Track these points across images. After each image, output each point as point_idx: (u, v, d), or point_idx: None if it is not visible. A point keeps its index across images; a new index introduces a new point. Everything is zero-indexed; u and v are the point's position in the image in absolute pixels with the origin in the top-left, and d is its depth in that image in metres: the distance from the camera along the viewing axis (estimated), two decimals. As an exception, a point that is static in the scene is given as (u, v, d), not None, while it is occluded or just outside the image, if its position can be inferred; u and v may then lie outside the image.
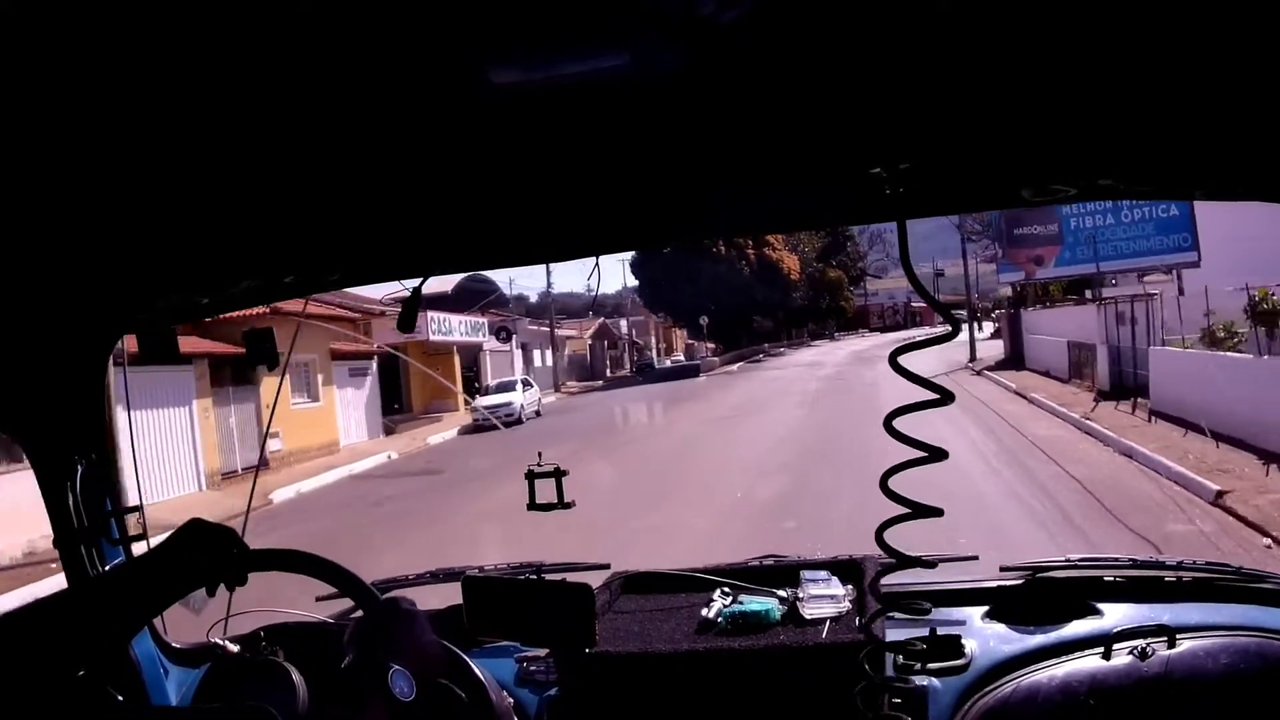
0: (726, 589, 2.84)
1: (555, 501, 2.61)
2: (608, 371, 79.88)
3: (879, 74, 1.42)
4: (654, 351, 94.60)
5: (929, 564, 2.23)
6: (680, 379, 55.44)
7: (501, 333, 52.89)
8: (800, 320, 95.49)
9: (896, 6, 1.23)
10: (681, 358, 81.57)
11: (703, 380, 52.27)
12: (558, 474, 2.60)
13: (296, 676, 2.18)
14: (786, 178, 1.92)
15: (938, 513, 1.91)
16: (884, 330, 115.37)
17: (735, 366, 65.05)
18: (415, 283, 2.36)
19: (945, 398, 1.91)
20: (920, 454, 1.91)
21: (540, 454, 2.63)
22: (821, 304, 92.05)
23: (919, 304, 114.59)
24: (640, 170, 1.83)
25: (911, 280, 1.90)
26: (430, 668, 1.95)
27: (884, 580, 2.67)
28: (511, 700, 2.56)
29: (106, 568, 2.66)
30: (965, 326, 52.73)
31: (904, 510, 1.94)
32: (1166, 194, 2.09)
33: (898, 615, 2.60)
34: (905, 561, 2.08)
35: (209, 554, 1.88)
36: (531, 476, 2.60)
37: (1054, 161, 1.84)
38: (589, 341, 77.39)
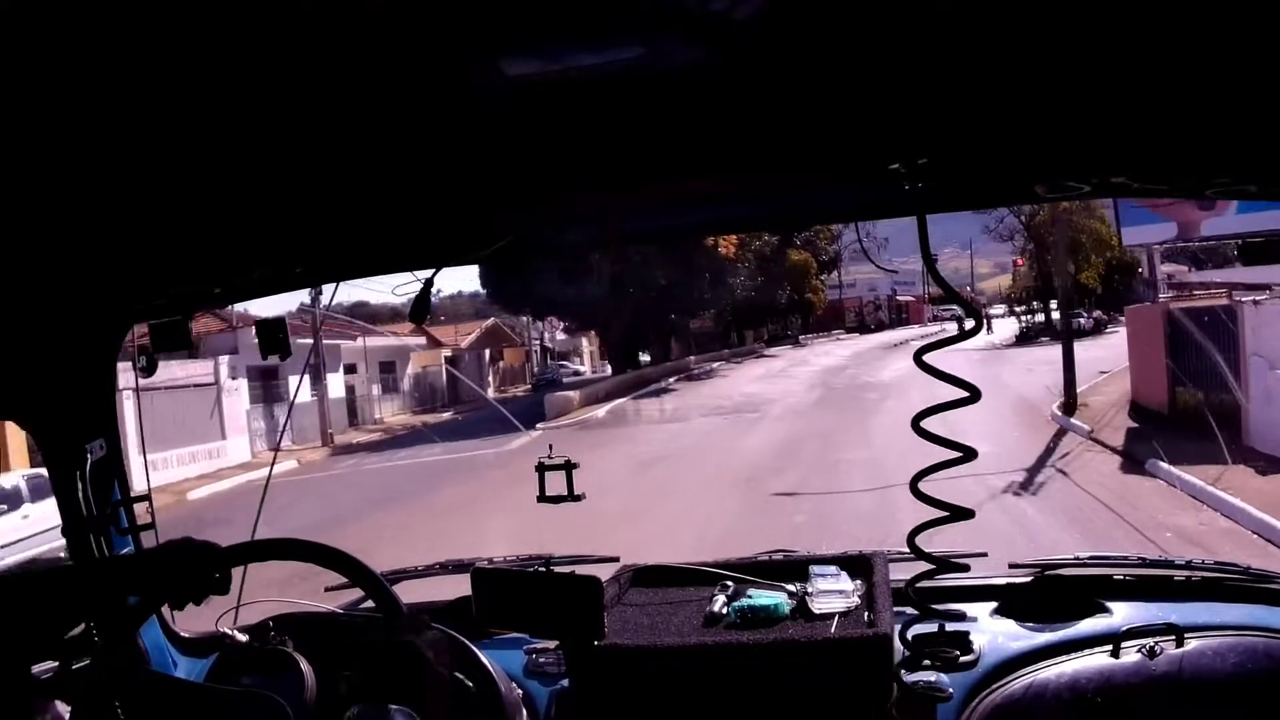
0: (735, 583, 2.84)
1: (565, 494, 2.61)
2: (490, 390, 56.76)
3: (897, 70, 1.43)
4: (588, 357, 73.36)
5: (962, 568, 2.24)
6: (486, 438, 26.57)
7: (140, 359, 12.26)
8: (754, 319, 71.34)
9: (913, 4, 1.24)
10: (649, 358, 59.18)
11: (515, 447, 23.66)
12: (568, 466, 2.60)
13: (305, 666, 2.19)
14: (806, 173, 1.94)
15: (969, 514, 1.94)
16: (863, 330, 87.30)
17: (603, 410, 35.18)
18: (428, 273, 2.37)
19: (973, 395, 1.93)
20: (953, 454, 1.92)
21: (551, 446, 2.63)
22: (779, 297, 65.69)
23: (905, 296, 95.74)
24: (654, 164, 1.84)
25: (933, 275, 1.94)
26: (438, 701, 1.96)
27: (892, 577, 2.70)
28: (520, 692, 2.58)
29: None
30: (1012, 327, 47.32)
31: (939, 514, 1.97)
32: (1180, 192, 2.13)
33: (905, 611, 2.60)
34: (942, 566, 2.10)
35: (185, 573, 2.00)
36: (542, 468, 2.60)
37: (1068, 159, 1.87)
38: (449, 355, 54.93)
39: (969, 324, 2.05)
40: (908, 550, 2.32)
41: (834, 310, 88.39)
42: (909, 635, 2.48)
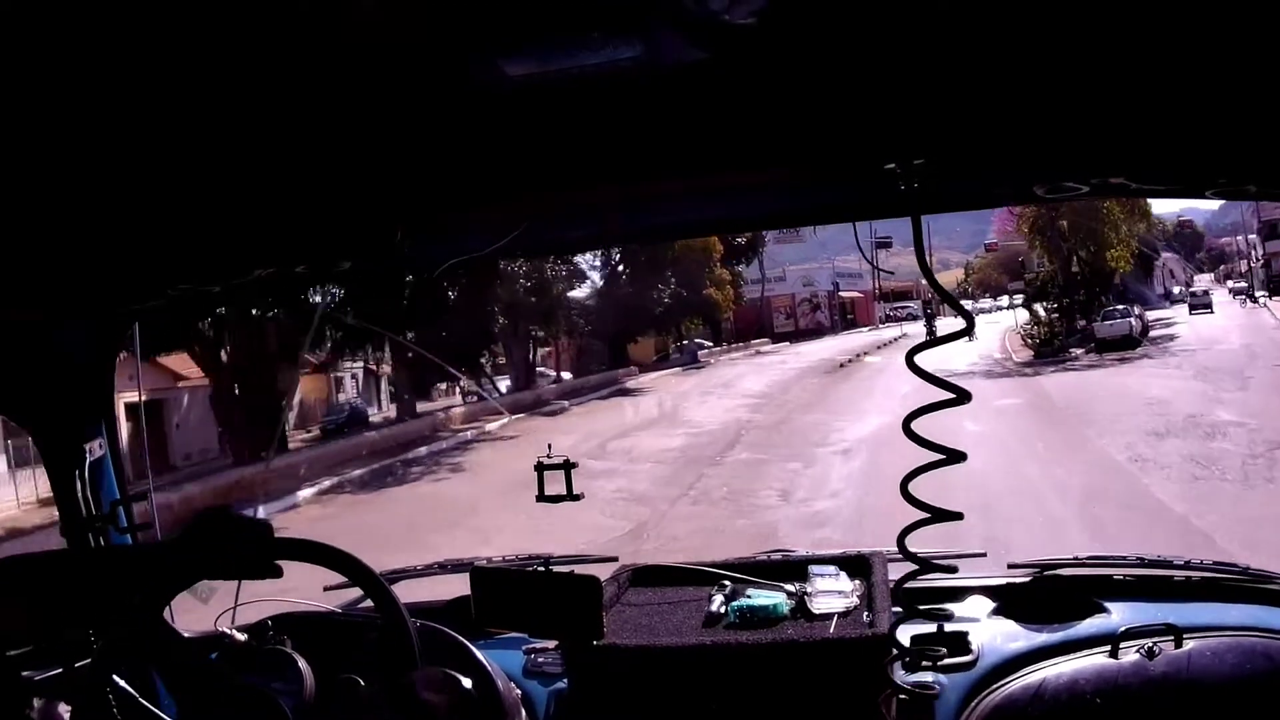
0: (734, 583, 2.84)
1: (564, 493, 2.61)
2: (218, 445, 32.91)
3: (894, 70, 1.45)
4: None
5: (949, 569, 2.25)
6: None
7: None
8: (634, 329, 48.22)
9: (910, 5, 1.25)
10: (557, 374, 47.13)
11: None
12: (567, 466, 2.60)
13: (303, 665, 2.20)
14: (803, 172, 1.96)
15: (957, 516, 1.94)
16: (795, 337, 64.52)
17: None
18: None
19: (962, 396, 1.94)
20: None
21: (550, 445, 2.63)
22: (658, 296, 45.17)
23: (850, 292, 75.66)
24: (652, 162, 1.85)
25: (928, 277, 1.95)
26: None
27: (893, 577, 2.71)
28: (519, 692, 2.58)
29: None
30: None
31: (924, 515, 1.98)
32: (1179, 192, 2.11)
33: (904, 611, 2.61)
34: (927, 566, 2.11)
35: (234, 546, 2.00)
36: (541, 468, 2.60)
37: (1066, 159, 1.87)
38: (143, 398, 21.08)
39: (938, 325, 2.03)
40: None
41: (754, 313, 67.51)
42: (908, 635, 2.48)
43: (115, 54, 1.22)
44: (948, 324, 39.94)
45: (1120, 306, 39.47)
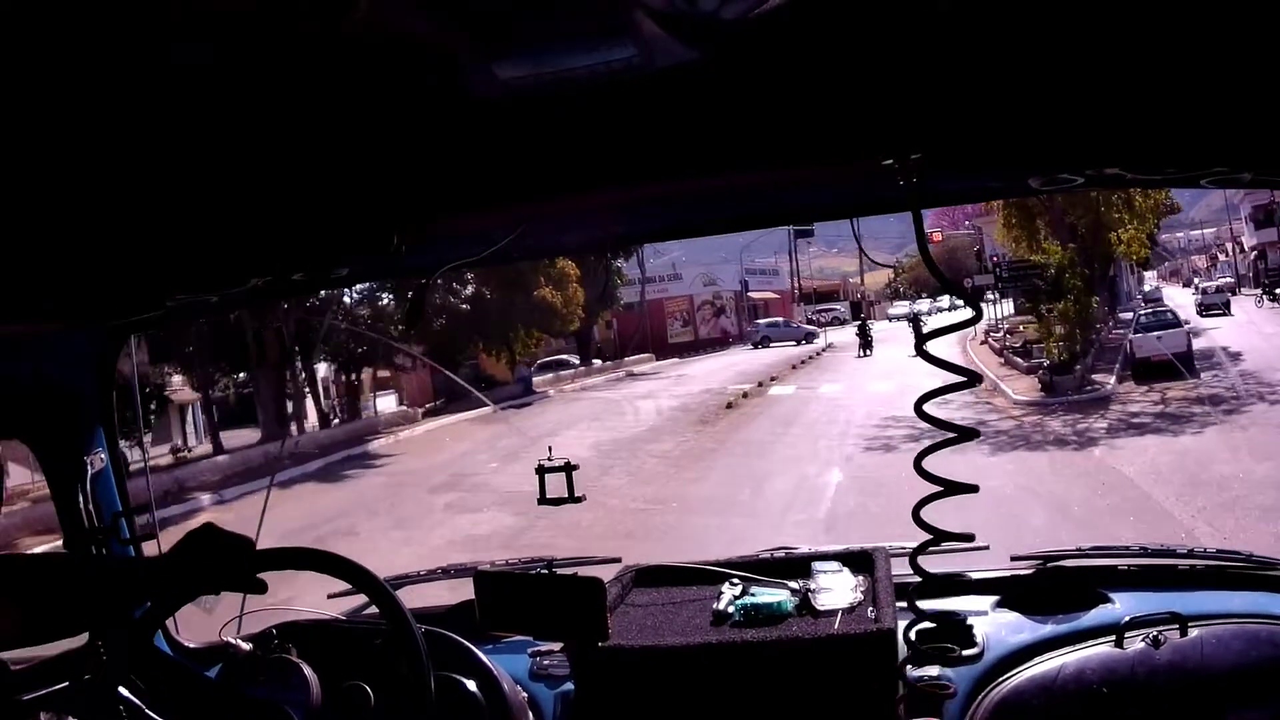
0: (738, 581, 2.84)
1: (565, 496, 2.60)
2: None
3: (890, 66, 1.46)
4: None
5: (964, 537, 2.26)
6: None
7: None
8: (459, 343, 36.15)
9: (908, 1, 1.26)
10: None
11: None
12: (568, 468, 2.59)
13: (309, 673, 2.21)
14: (800, 170, 1.96)
15: (972, 489, 1.96)
16: (692, 349, 52.89)
17: None
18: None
19: (972, 379, 1.96)
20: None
21: (550, 448, 2.63)
22: (455, 302, 35.54)
23: (764, 292, 65.06)
24: (649, 164, 1.84)
25: (932, 269, 1.95)
26: None
27: (896, 574, 2.72)
28: (525, 695, 2.59)
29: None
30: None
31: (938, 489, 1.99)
32: (1175, 181, 2.14)
33: (908, 604, 2.62)
34: (942, 536, 2.12)
35: (219, 562, 2.01)
36: (542, 471, 2.59)
37: (1061, 152, 1.87)
38: None
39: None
40: (909, 546, 2.35)
41: (639, 322, 54.31)
42: (913, 630, 2.48)
43: (111, 65, 1.22)
44: (880, 327, 41.76)
45: (1164, 308, 28.41)
